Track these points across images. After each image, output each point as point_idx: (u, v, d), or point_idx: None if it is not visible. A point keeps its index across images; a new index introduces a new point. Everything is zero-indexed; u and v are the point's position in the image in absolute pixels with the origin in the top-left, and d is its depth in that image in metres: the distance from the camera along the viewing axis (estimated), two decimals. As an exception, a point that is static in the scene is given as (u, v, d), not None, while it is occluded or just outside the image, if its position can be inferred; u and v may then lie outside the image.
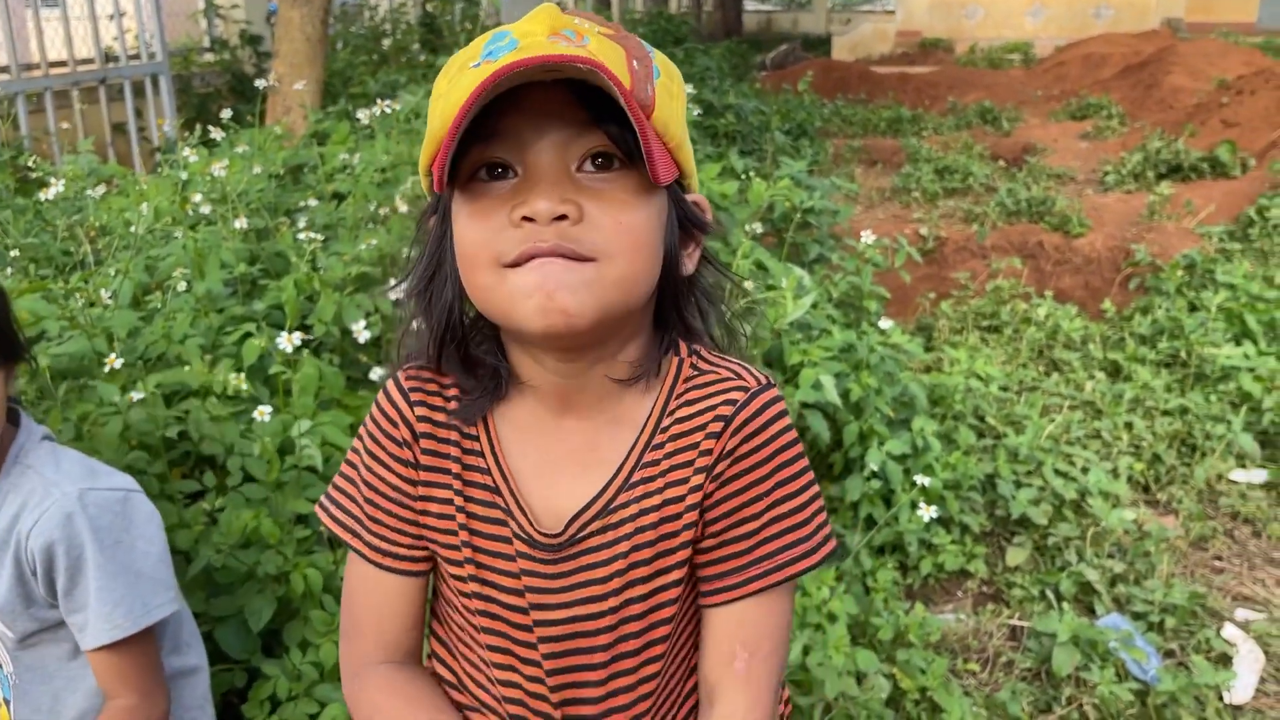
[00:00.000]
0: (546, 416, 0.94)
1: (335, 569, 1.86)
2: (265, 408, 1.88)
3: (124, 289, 2.30)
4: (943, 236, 5.98)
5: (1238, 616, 2.69)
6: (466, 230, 0.84)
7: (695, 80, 7.38)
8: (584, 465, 0.93)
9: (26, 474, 1.32)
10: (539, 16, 0.83)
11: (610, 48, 0.83)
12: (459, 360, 0.93)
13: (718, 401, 0.92)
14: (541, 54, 0.77)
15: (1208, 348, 3.84)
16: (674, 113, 0.86)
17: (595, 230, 0.81)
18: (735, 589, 0.93)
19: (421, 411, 0.95)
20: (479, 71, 0.80)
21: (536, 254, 0.80)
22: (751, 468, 0.91)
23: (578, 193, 0.82)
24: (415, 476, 0.96)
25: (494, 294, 0.83)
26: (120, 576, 1.30)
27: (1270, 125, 7.57)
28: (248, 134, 3.50)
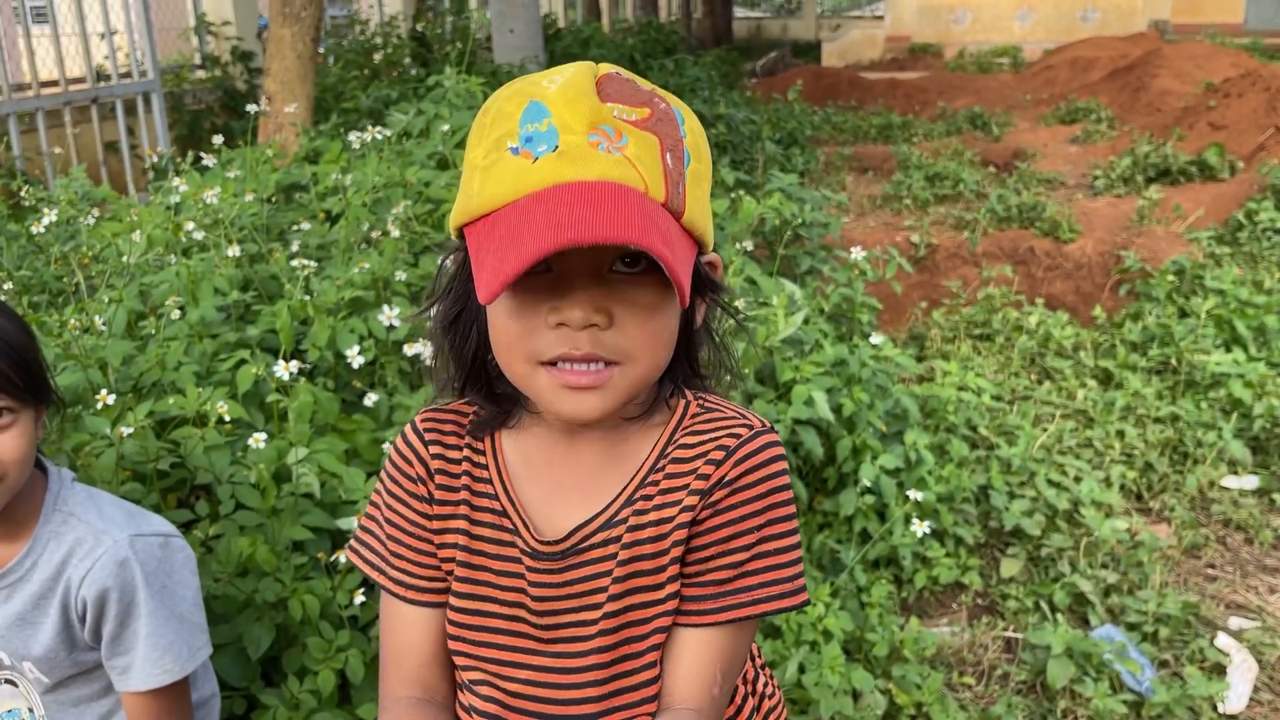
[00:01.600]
0: (558, 444, 1.00)
1: (333, 595, 1.87)
2: (260, 435, 1.89)
3: (118, 317, 2.31)
4: (934, 244, 6.01)
5: (1231, 625, 2.70)
6: (504, 324, 0.90)
7: (686, 91, 7.41)
8: (586, 492, 0.99)
9: (69, 521, 1.33)
10: (578, 104, 0.85)
11: (645, 145, 0.86)
12: (484, 395, 1.00)
13: (722, 434, 0.97)
14: (596, 178, 0.83)
15: (1198, 354, 3.87)
16: (700, 200, 0.91)
17: (623, 335, 0.88)
18: (716, 613, 0.97)
19: (436, 450, 1.01)
20: (521, 166, 0.84)
21: (569, 359, 0.88)
22: (746, 501, 0.96)
23: (609, 298, 0.87)
24: (431, 511, 1.01)
25: (528, 382, 0.91)
26: (169, 622, 1.33)
27: (1258, 128, 7.61)
28: (240, 154, 3.51)
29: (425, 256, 2.76)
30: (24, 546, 1.33)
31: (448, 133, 3.33)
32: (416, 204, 2.94)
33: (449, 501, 1.01)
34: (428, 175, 3.05)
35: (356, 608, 1.89)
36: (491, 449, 1.01)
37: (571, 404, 0.89)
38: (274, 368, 1.96)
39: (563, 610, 0.98)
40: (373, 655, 1.91)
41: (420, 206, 2.96)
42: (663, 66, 7.95)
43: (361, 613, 1.92)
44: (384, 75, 7.86)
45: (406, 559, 1.02)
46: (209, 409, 1.99)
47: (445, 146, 3.29)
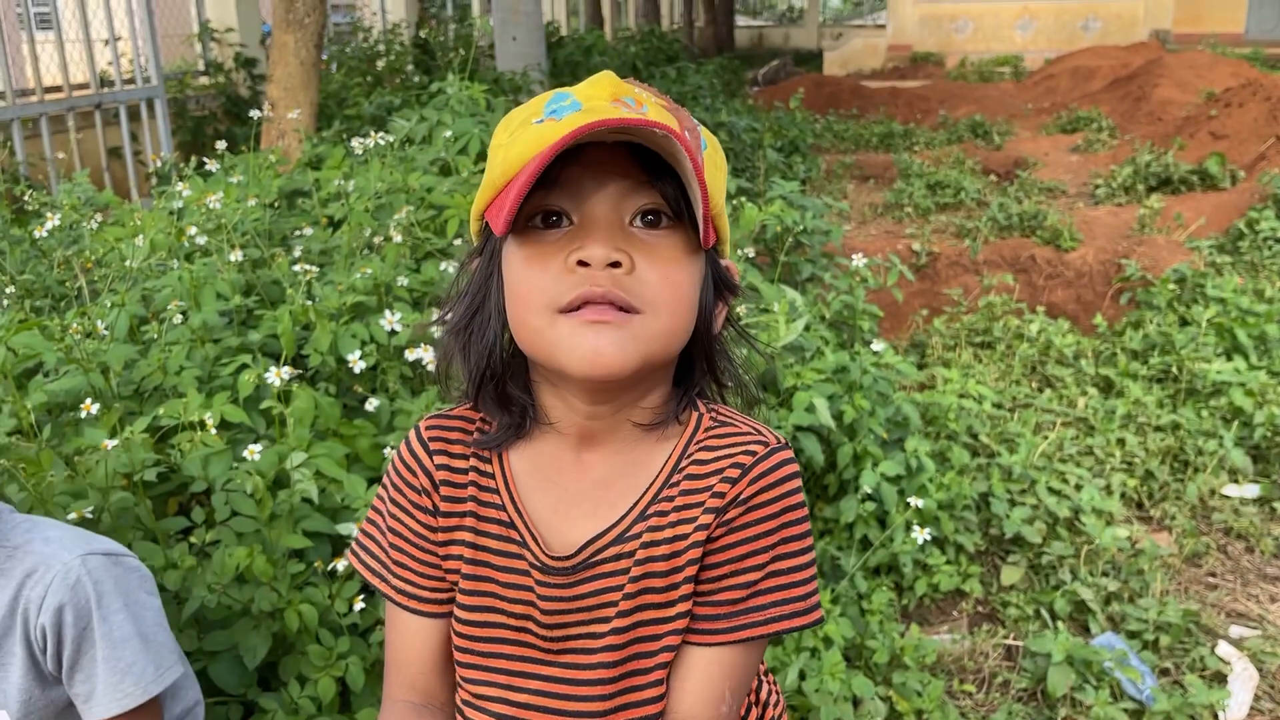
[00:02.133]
0: (567, 455, 0.98)
1: (331, 603, 1.87)
2: (256, 447, 1.88)
3: (120, 321, 2.32)
4: (935, 252, 6.02)
5: (1232, 634, 2.70)
6: (521, 273, 0.88)
7: (688, 99, 7.43)
8: (597, 503, 0.97)
9: (15, 555, 1.28)
10: (600, 83, 0.89)
11: (665, 116, 0.88)
12: (494, 398, 0.97)
13: (737, 451, 0.96)
14: (618, 117, 0.82)
15: (1199, 363, 3.87)
16: (717, 183, 0.91)
17: (643, 283, 0.86)
18: (728, 633, 0.96)
19: (441, 460, 0.99)
20: (544, 128, 0.85)
21: (590, 299, 0.85)
22: (760, 519, 0.94)
23: (629, 244, 0.87)
24: (436, 523, 1.00)
25: (543, 337, 0.87)
26: (128, 642, 1.28)
27: (1259, 137, 7.62)
28: (244, 159, 3.52)
29: (427, 262, 2.77)
30: None
31: (450, 139, 3.34)
32: (419, 210, 2.95)
33: (454, 513, 0.99)
34: (430, 181, 3.05)
35: (356, 614, 1.89)
36: (498, 459, 0.99)
37: (590, 343, 0.84)
38: (268, 375, 1.96)
39: (572, 624, 0.97)
40: (373, 661, 1.91)
41: (422, 212, 2.96)
42: (665, 74, 7.97)
43: (361, 619, 1.92)
44: (386, 82, 7.89)
45: (409, 569, 1.01)
46: (209, 413, 1.99)
47: (448, 153, 3.30)
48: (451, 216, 2.90)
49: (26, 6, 5.99)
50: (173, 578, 1.79)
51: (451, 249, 2.82)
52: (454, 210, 2.90)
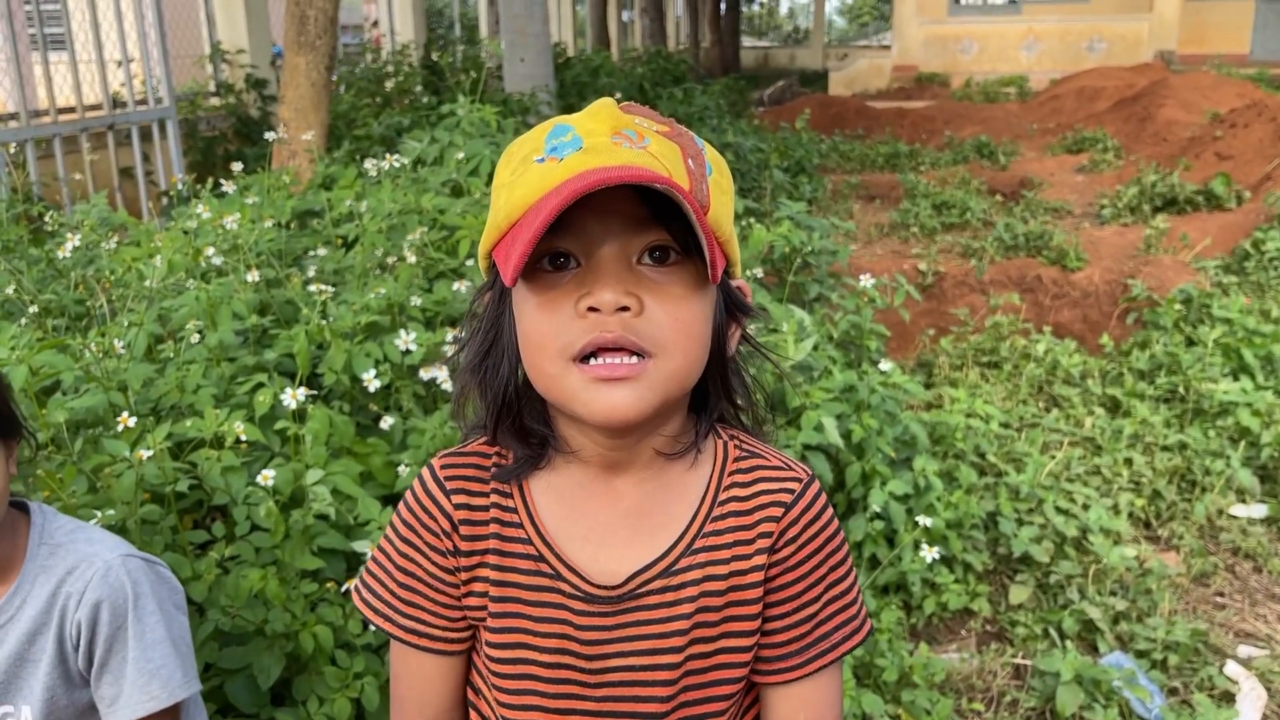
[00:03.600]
0: (594, 482, 0.97)
1: (345, 623, 1.88)
2: (269, 472, 1.90)
3: (138, 340, 2.35)
4: (941, 272, 6.04)
5: (1240, 653, 2.71)
6: (534, 320, 0.88)
7: (694, 119, 7.48)
8: (634, 530, 0.96)
9: (57, 553, 1.31)
10: (600, 115, 0.88)
11: (668, 147, 0.87)
12: (512, 431, 0.96)
13: (775, 488, 0.98)
14: (619, 164, 0.82)
15: (1205, 383, 3.88)
16: (724, 207, 0.91)
17: (654, 324, 0.86)
18: (799, 668, 0.98)
19: (460, 499, 0.98)
20: (547, 169, 0.85)
21: (602, 344, 0.84)
22: (811, 553, 0.98)
23: (638, 285, 0.86)
24: (455, 564, 0.98)
25: (558, 384, 0.87)
26: (158, 646, 1.30)
27: (1264, 158, 7.64)
28: (258, 179, 3.56)
29: (440, 282, 2.80)
30: (10, 587, 1.30)
31: (462, 161, 3.38)
32: (431, 230, 2.99)
33: (476, 551, 0.97)
34: (442, 202, 3.09)
35: (370, 634, 1.90)
36: (520, 492, 0.98)
37: (605, 399, 0.85)
38: (283, 396, 1.98)
39: (615, 655, 0.96)
40: (387, 678, 1.92)
41: (435, 233, 3.00)
42: (671, 95, 8.03)
43: (375, 637, 1.93)
44: (395, 103, 7.95)
45: (421, 608, 1.00)
46: (226, 430, 2.01)
47: (459, 174, 3.34)
48: (463, 237, 2.93)
49: (40, 28, 6.06)
50: (198, 589, 1.82)
51: (464, 269, 2.85)
52: (466, 231, 2.94)
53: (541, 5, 7.49)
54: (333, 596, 1.97)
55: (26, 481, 1.94)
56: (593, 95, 8.74)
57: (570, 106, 7.98)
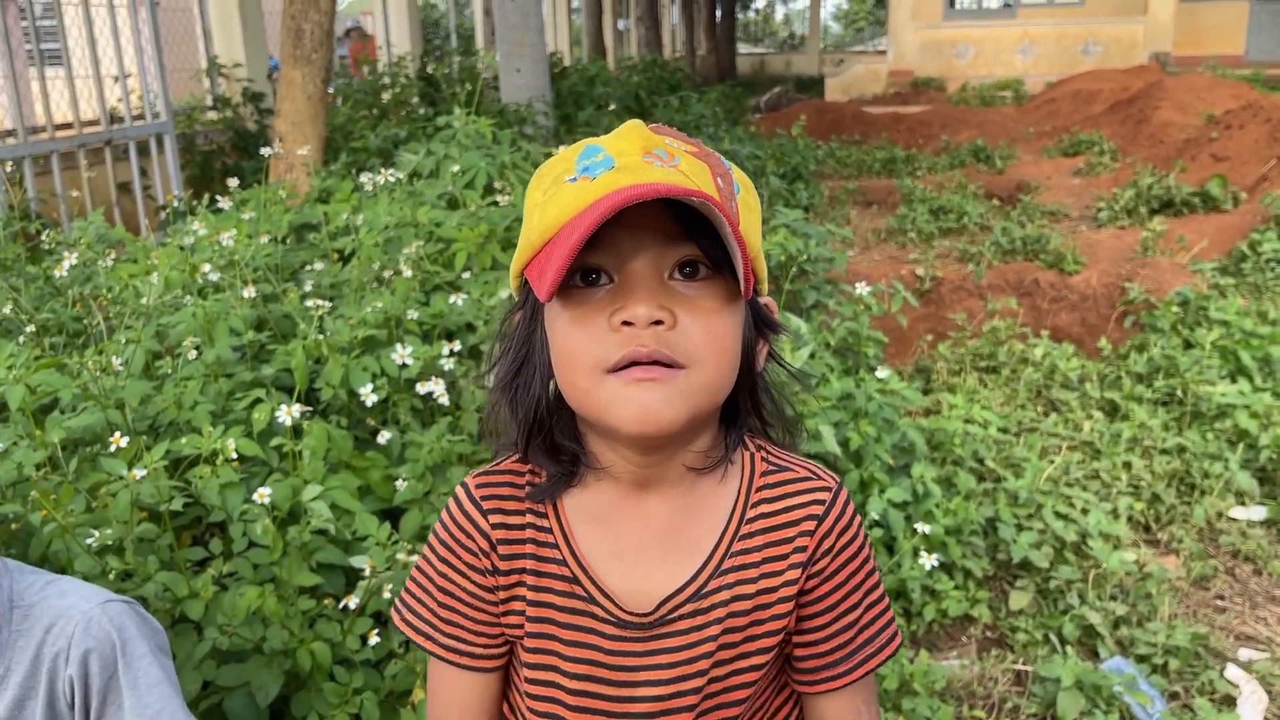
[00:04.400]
0: (625, 500, 0.97)
1: (344, 639, 1.88)
2: (265, 490, 1.90)
3: (135, 357, 2.35)
4: (939, 276, 6.05)
5: (1241, 656, 2.70)
6: (567, 335, 0.89)
7: (691, 127, 7.50)
8: (665, 548, 0.97)
9: (32, 613, 1.26)
10: (630, 135, 0.89)
11: (697, 166, 0.89)
12: (544, 448, 0.97)
13: (806, 500, 0.99)
14: (651, 181, 0.83)
15: (1203, 385, 3.88)
16: (752, 225, 0.93)
17: (686, 338, 0.87)
18: (847, 675, 1.01)
19: (496, 519, 0.98)
20: (579, 188, 0.86)
21: (637, 358, 0.85)
22: (845, 563, 0.99)
23: (671, 300, 0.87)
24: (494, 583, 0.99)
25: (591, 397, 0.88)
26: (155, 689, 1.26)
27: (1260, 159, 7.66)
28: (254, 194, 3.57)
29: (436, 295, 2.81)
30: None
31: (458, 173, 3.39)
32: (428, 244, 3.00)
33: (513, 570, 0.98)
34: (438, 215, 3.10)
35: (370, 650, 1.90)
36: (554, 512, 0.98)
37: (638, 400, 0.85)
38: (278, 413, 1.98)
39: (643, 683, 0.96)
40: (386, 693, 1.93)
41: (431, 246, 3.01)
42: (667, 104, 8.04)
43: (374, 652, 1.93)
44: (392, 115, 7.97)
45: (461, 626, 1.01)
46: (220, 447, 2.02)
47: (455, 186, 3.35)
48: (460, 250, 2.94)
49: (36, 44, 6.08)
50: (195, 607, 1.82)
51: (460, 282, 2.86)
52: (462, 244, 2.94)
53: (537, 16, 7.52)
54: (331, 612, 1.97)
55: (24, 500, 1.94)
56: (590, 104, 8.77)
57: (567, 116, 7.99)
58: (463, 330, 2.72)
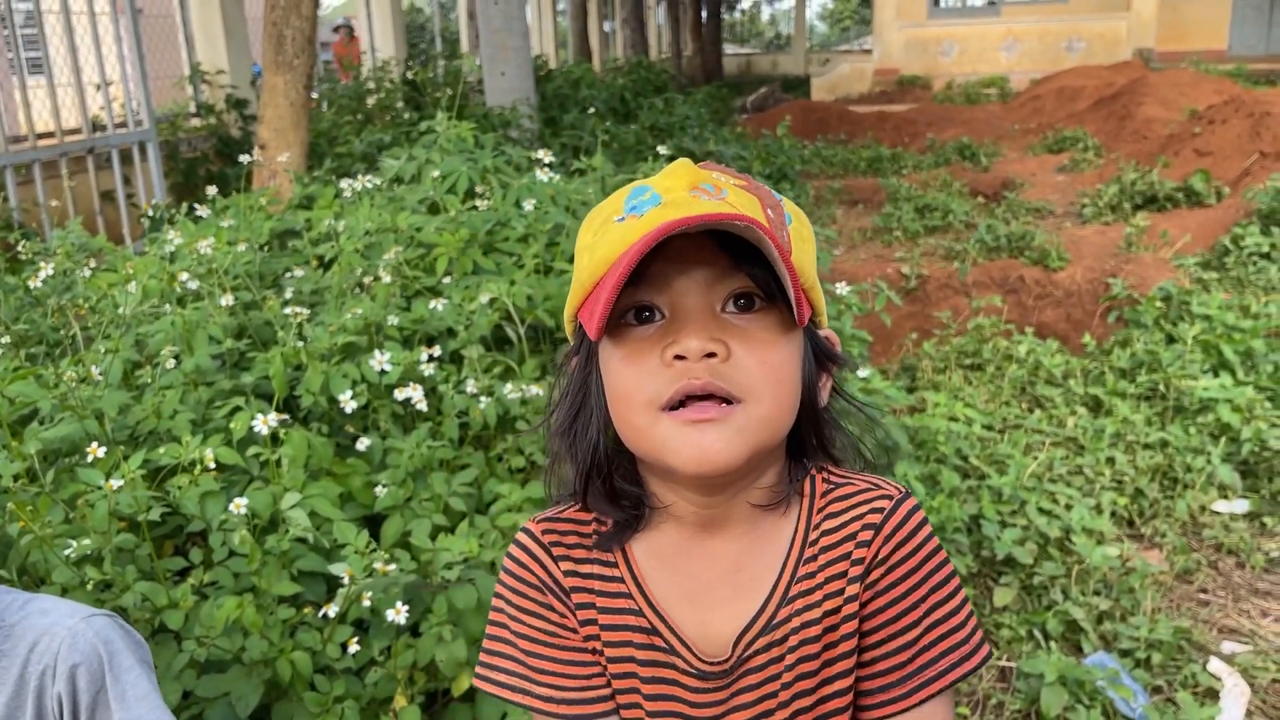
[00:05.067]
0: (691, 541, 0.94)
1: (324, 648, 1.88)
2: (241, 500, 1.89)
3: (114, 367, 2.34)
4: (925, 275, 6.07)
5: (1224, 649, 2.72)
6: (620, 373, 0.87)
7: (676, 129, 7.50)
8: (734, 587, 0.94)
9: (13, 634, 1.24)
10: (677, 172, 0.88)
11: (746, 198, 0.88)
12: (604, 494, 0.94)
13: (864, 510, 0.94)
14: (699, 212, 0.82)
15: (1185, 380, 3.90)
16: (806, 255, 0.91)
17: (742, 370, 0.84)
18: (902, 699, 0.93)
19: (567, 566, 0.96)
20: (627, 226, 0.85)
21: (690, 392, 0.83)
22: (905, 575, 0.92)
23: (724, 332, 0.85)
24: (571, 622, 0.96)
25: (647, 436, 0.86)
26: (143, 700, 1.24)
27: (1242, 153, 7.70)
28: (235, 200, 3.57)
29: (417, 300, 2.80)
30: None
31: (438, 178, 3.39)
32: (409, 249, 2.99)
33: (586, 621, 0.96)
34: (418, 220, 3.09)
35: (350, 658, 1.90)
36: (623, 559, 0.95)
37: (695, 443, 0.83)
38: (254, 422, 1.98)
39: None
40: (368, 700, 1.92)
41: (412, 251, 3.00)
42: (652, 105, 8.04)
43: (355, 661, 1.93)
44: (377, 119, 7.96)
45: (553, 673, 0.96)
46: (199, 456, 2.01)
47: (436, 191, 3.34)
48: (441, 255, 2.94)
49: (18, 52, 6.06)
50: (174, 618, 1.81)
51: (441, 287, 2.85)
52: (443, 249, 2.94)
53: (521, 19, 7.52)
54: (312, 620, 1.97)
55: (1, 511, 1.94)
56: (574, 107, 8.77)
57: (552, 119, 7.99)
58: (444, 335, 2.72)
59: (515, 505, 2.24)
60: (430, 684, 1.95)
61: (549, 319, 2.72)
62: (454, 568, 1.96)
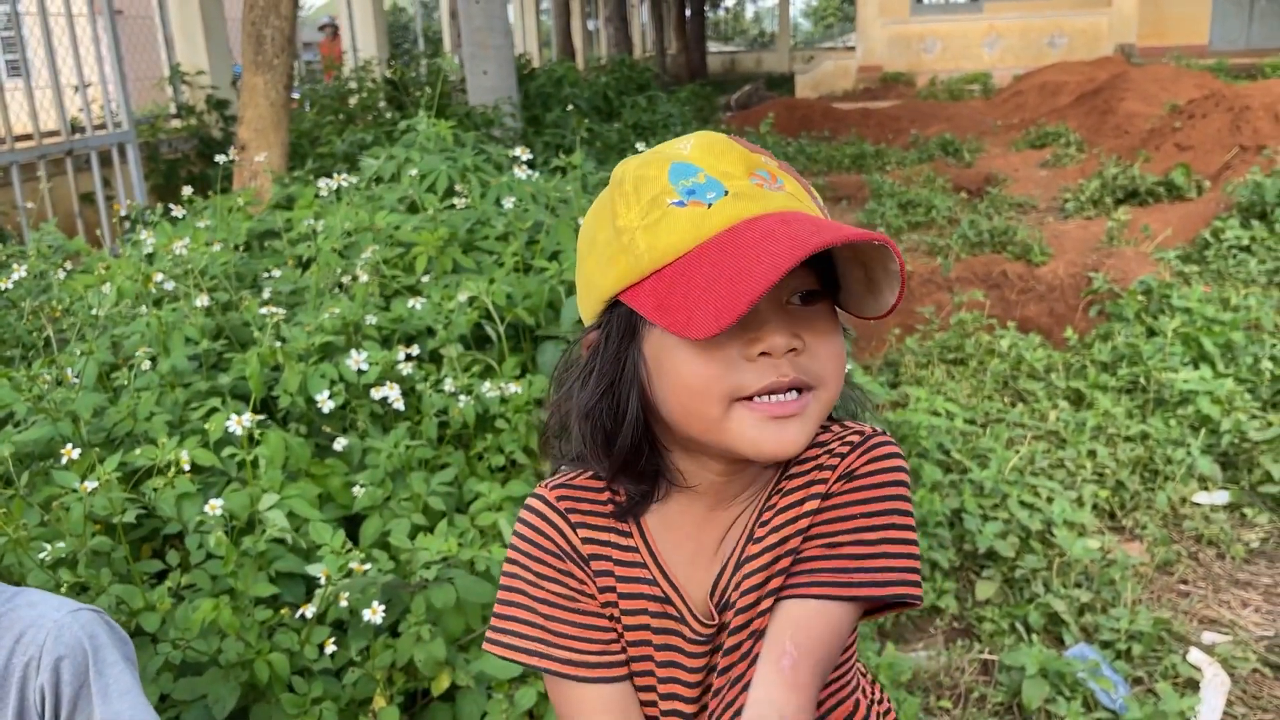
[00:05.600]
0: (699, 510, 0.97)
1: (302, 649, 1.87)
2: (217, 501, 1.88)
3: (89, 369, 2.33)
4: (908, 270, 6.08)
5: (1204, 640, 2.73)
6: (692, 365, 0.87)
7: (659, 127, 7.49)
8: (723, 550, 0.97)
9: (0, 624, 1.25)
10: (728, 155, 0.89)
11: (797, 187, 0.90)
12: (630, 469, 0.95)
13: (833, 441, 0.95)
14: (788, 209, 0.85)
15: (1166, 373, 3.92)
16: None
17: (817, 360, 0.88)
18: (802, 588, 0.93)
19: (585, 534, 0.97)
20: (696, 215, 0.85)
21: (779, 388, 0.86)
22: (855, 489, 0.93)
23: (796, 325, 0.88)
24: (589, 588, 0.98)
25: (720, 425, 0.87)
26: (126, 696, 1.25)
27: (1222, 147, 7.74)
28: (215, 201, 3.55)
29: (396, 299, 2.79)
30: None
31: (416, 177, 3.37)
32: (388, 248, 2.98)
33: (604, 588, 0.97)
34: (396, 219, 3.08)
35: (328, 659, 1.89)
36: (638, 529, 0.98)
37: (778, 436, 0.86)
38: (229, 423, 1.96)
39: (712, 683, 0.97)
40: (347, 701, 1.91)
41: (391, 250, 2.99)
42: (635, 104, 8.04)
43: (333, 663, 1.92)
44: (359, 119, 7.93)
45: (572, 636, 0.97)
46: (174, 458, 2.00)
47: (415, 190, 3.33)
48: (419, 253, 2.93)
49: (-3, 55, 6.02)
50: (151, 620, 1.80)
51: (420, 286, 2.84)
52: (422, 247, 2.93)
53: (503, 18, 7.50)
54: (290, 621, 1.96)
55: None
56: (557, 106, 8.75)
57: (535, 118, 7.97)
58: (423, 334, 2.71)
59: (495, 504, 2.23)
60: (409, 684, 1.94)
61: (528, 317, 2.72)
62: (432, 567, 1.95)
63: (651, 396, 0.91)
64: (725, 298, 0.80)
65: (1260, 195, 5.89)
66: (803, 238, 0.81)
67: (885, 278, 0.88)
